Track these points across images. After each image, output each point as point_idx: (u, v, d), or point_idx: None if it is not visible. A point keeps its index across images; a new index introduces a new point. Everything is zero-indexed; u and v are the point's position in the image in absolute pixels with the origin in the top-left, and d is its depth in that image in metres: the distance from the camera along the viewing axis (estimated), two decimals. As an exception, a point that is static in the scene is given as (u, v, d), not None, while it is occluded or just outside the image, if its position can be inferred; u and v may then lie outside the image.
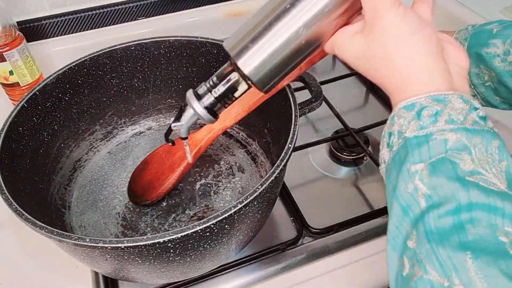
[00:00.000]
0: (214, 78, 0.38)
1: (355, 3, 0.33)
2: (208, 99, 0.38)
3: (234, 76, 0.37)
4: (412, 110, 0.28)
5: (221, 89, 0.38)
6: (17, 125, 0.48)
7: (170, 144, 0.47)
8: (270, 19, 0.35)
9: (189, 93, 0.39)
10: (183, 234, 0.35)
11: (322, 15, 0.33)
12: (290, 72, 0.36)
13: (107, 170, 0.59)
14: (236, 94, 0.38)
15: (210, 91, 0.38)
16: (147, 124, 0.65)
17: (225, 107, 0.39)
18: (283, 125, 0.49)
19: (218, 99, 0.38)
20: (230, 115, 0.50)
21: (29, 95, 0.50)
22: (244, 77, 0.35)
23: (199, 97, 0.38)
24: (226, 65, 0.38)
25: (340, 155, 0.62)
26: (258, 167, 0.59)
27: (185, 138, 0.43)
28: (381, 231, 0.53)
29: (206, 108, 0.38)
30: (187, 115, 0.40)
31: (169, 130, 0.43)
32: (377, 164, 0.57)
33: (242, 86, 0.37)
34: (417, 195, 0.26)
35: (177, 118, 0.41)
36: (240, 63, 0.35)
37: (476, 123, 0.27)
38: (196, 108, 0.38)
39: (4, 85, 0.68)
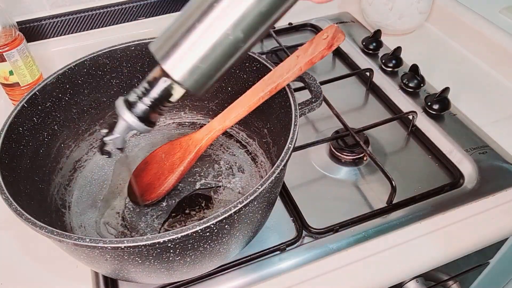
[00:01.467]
0: (145, 84, 0.34)
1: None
2: (140, 108, 0.34)
3: (166, 81, 0.33)
4: None
5: (154, 96, 0.34)
6: (17, 125, 0.48)
7: (106, 156, 0.42)
8: (197, 17, 0.30)
9: (119, 102, 0.35)
10: (183, 234, 0.35)
11: (255, 12, 0.29)
12: (227, 70, 0.32)
13: (107, 170, 0.59)
14: (172, 99, 0.34)
15: (141, 98, 0.34)
16: (147, 124, 0.65)
17: (161, 115, 0.35)
18: (283, 125, 0.49)
19: (152, 107, 0.34)
20: (230, 115, 0.50)
21: (29, 95, 0.50)
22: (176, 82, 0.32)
23: (130, 106, 0.34)
24: (156, 68, 0.33)
25: (340, 155, 0.62)
26: (258, 167, 0.59)
27: (122, 149, 0.39)
28: (381, 231, 0.53)
29: (139, 118, 0.34)
30: (121, 127, 0.36)
31: (103, 143, 0.38)
32: (377, 164, 0.57)
33: (178, 91, 0.34)
34: None
35: (111, 130, 0.37)
36: (167, 68, 0.31)
37: None
38: (127, 119, 0.34)
39: (4, 85, 0.68)
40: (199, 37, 0.30)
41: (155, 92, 0.34)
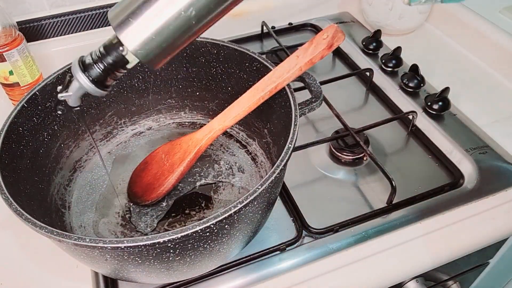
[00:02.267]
0: (101, 49, 0.34)
1: None
2: (95, 72, 0.34)
3: (120, 49, 0.33)
4: None
5: (108, 61, 0.34)
6: (17, 125, 0.48)
7: (59, 113, 0.41)
8: None
9: (75, 62, 0.35)
10: (183, 234, 0.35)
11: None
12: (180, 48, 0.33)
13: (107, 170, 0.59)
14: (128, 66, 0.34)
15: (97, 62, 0.34)
16: (147, 124, 0.65)
17: (116, 80, 0.35)
18: (283, 125, 0.49)
19: (106, 71, 0.34)
20: (230, 115, 0.50)
21: (29, 95, 0.50)
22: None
23: (85, 68, 0.34)
24: (113, 35, 0.33)
25: (340, 155, 0.62)
26: (258, 167, 0.59)
27: (77, 107, 0.39)
28: (381, 231, 0.53)
29: (92, 80, 0.34)
30: (74, 87, 0.36)
31: (57, 99, 0.38)
32: (377, 164, 0.57)
33: (133, 59, 0.34)
34: None
35: (65, 87, 0.36)
36: (122, 37, 0.31)
37: None
38: (81, 81, 0.34)
39: (4, 85, 0.68)
40: (155, 11, 0.30)
41: (110, 58, 0.34)
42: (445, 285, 0.64)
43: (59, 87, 0.36)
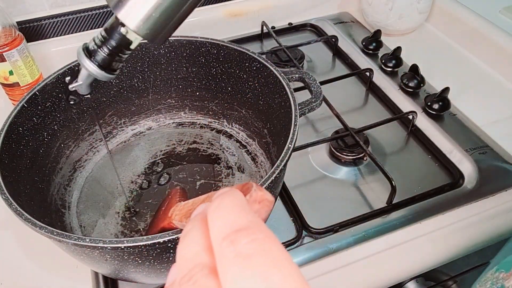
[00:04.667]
0: (103, 32, 0.34)
1: None
2: (100, 56, 0.34)
3: (122, 30, 0.33)
4: None
5: (112, 44, 0.34)
6: (17, 125, 0.48)
7: (72, 103, 0.41)
8: None
9: (79, 50, 0.35)
10: (183, 234, 0.35)
11: None
12: (180, 20, 0.33)
13: (107, 170, 0.59)
14: (132, 47, 0.34)
15: (101, 47, 0.34)
16: (147, 124, 0.65)
17: (122, 62, 0.35)
18: (283, 125, 0.49)
19: (111, 55, 0.34)
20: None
21: (29, 95, 0.50)
22: None
23: (90, 54, 0.34)
24: (112, 17, 0.33)
25: (340, 155, 0.62)
26: (258, 167, 0.59)
27: (88, 95, 0.39)
28: (381, 231, 0.53)
29: (99, 66, 0.34)
30: (83, 75, 0.36)
31: (68, 90, 0.39)
32: (377, 164, 0.57)
33: (135, 38, 0.34)
34: None
35: (74, 77, 0.37)
36: (121, 17, 0.31)
37: None
38: (88, 68, 0.34)
39: (4, 85, 0.68)
40: None
41: (113, 41, 0.34)
42: (445, 285, 0.64)
43: (68, 78, 0.36)
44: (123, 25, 0.32)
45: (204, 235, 0.19)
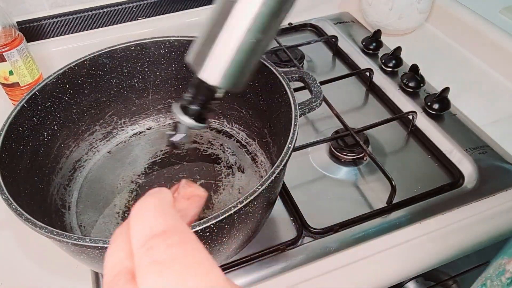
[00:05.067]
0: (191, 89, 0.38)
1: None
2: (193, 110, 0.39)
3: (205, 86, 0.37)
4: None
5: (201, 98, 0.38)
6: (17, 125, 0.48)
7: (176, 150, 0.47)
8: (218, 21, 0.34)
9: (176, 109, 0.40)
10: (183, 234, 0.35)
11: (264, 13, 0.33)
12: (256, 63, 0.36)
13: (106, 170, 0.59)
14: (218, 96, 0.38)
15: (192, 102, 0.38)
16: (147, 124, 0.65)
17: (213, 110, 0.40)
18: (283, 125, 0.49)
19: (202, 107, 0.38)
20: None
21: (29, 95, 0.50)
22: None
23: (184, 109, 0.39)
24: (196, 76, 0.38)
25: (340, 155, 0.62)
26: (258, 167, 0.59)
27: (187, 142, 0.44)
28: (381, 231, 0.53)
29: (195, 118, 0.39)
30: (183, 128, 0.41)
31: (173, 144, 0.43)
32: (377, 164, 0.57)
33: (219, 91, 0.37)
34: None
35: (176, 132, 0.41)
36: (203, 77, 0.35)
37: None
38: (186, 122, 0.39)
39: (4, 85, 0.68)
40: (223, 46, 0.34)
41: (201, 96, 0.38)
42: (445, 285, 0.64)
43: (169, 132, 0.42)
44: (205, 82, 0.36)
45: (129, 240, 0.19)
